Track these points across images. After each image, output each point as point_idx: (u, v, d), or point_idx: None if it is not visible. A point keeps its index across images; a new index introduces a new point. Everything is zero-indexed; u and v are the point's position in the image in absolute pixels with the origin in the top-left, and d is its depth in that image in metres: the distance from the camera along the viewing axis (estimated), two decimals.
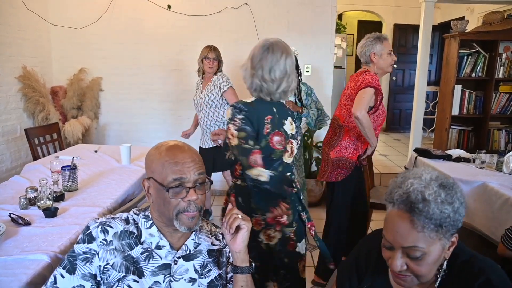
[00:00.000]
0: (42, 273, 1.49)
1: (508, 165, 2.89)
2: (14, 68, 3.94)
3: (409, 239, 1.01)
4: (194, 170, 1.19)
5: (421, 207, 0.99)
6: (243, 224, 1.21)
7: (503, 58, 4.32)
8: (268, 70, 1.80)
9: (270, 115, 1.81)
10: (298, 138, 1.95)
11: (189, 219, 1.18)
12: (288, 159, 1.88)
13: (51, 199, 2.05)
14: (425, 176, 1.04)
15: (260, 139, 1.79)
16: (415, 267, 1.03)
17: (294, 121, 1.93)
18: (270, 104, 1.86)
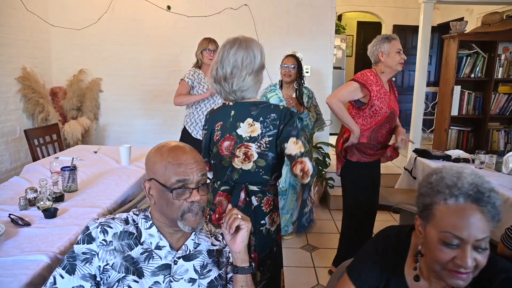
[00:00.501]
0: (41, 273, 1.49)
1: (507, 166, 2.90)
2: (13, 69, 3.94)
3: (482, 230, 0.99)
4: (197, 171, 1.19)
5: (491, 196, 1.00)
6: (243, 224, 1.21)
7: (502, 59, 4.32)
8: (220, 69, 1.75)
9: (221, 121, 1.77)
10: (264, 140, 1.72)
11: (193, 218, 1.19)
12: (243, 165, 1.74)
13: (50, 200, 2.05)
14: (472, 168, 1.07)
15: (212, 146, 1.80)
16: (481, 259, 1.01)
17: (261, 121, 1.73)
18: (231, 107, 1.79)
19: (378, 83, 2.71)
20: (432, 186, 1.05)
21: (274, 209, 1.85)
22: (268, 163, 1.74)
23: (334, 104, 2.66)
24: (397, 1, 7.88)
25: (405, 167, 3.61)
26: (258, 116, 1.74)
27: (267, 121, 1.73)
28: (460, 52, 4.33)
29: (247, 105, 1.78)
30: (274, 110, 1.75)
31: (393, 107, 2.75)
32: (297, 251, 3.39)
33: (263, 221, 1.81)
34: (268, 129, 1.72)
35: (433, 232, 1.04)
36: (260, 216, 1.80)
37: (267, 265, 1.85)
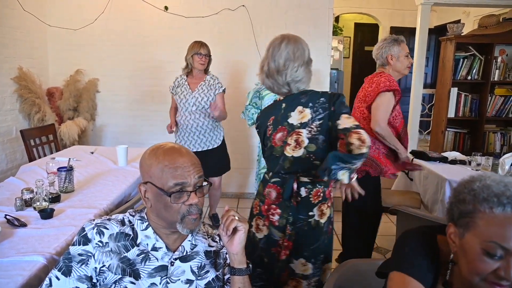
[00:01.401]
0: (38, 274, 1.48)
1: (504, 168, 2.91)
2: (10, 69, 3.93)
3: None
4: (194, 173, 1.18)
5: None
6: (240, 225, 1.20)
7: (498, 61, 4.35)
8: (273, 63, 1.81)
9: (273, 116, 1.84)
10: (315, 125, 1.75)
11: (193, 220, 1.18)
12: (294, 152, 1.77)
13: (47, 200, 2.04)
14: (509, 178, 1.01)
15: (266, 142, 1.87)
16: None
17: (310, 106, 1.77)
18: (281, 102, 1.87)
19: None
20: (476, 193, 1.00)
21: (323, 201, 1.84)
22: (319, 147, 1.76)
23: (384, 131, 2.51)
24: (394, 3, 7.91)
25: None
26: (307, 102, 1.78)
27: (316, 105, 1.77)
28: (457, 54, 4.34)
29: (297, 94, 1.83)
30: (322, 95, 1.79)
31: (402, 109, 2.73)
32: None
33: (311, 213, 1.82)
34: (318, 113, 1.75)
35: (475, 241, 0.99)
36: (308, 207, 1.81)
37: (317, 256, 1.86)
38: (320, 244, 1.85)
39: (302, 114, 1.77)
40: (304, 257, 1.85)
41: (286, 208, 1.81)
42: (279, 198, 1.82)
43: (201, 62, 3.31)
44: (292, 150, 1.77)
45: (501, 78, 4.39)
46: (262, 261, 1.89)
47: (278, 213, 1.82)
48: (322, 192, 1.83)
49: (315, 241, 1.84)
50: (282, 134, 1.80)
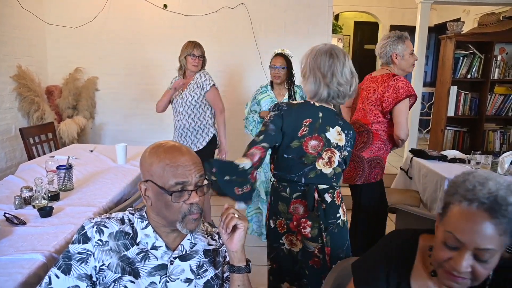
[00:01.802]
0: (37, 272, 1.48)
1: (503, 166, 2.91)
2: (8, 67, 3.92)
3: (487, 241, 0.96)
4: (195, 172, 1.18)
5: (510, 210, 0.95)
6: (240, 223, 1.20)
7: (498, 60, 4.34)
8: (340, 75, 1.80)
9: (310, 119, 1.79)
10: (344, 153, 1.83)
11: (193, 220, 1.18)
12: (323, 168, 1.80)
13: (46, 198, 2.04)
14: (504, 179, 1.00)
15: (292, 140, 1.78)
16: (480, 269, 0.99)
17: (345, 133, 1.84)
18: (318, 108, 1.83)
19: None
20: (455, 186, 1.04)
21: (342, 200, 1.92)
22: (341, 171, 1.87)
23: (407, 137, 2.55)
24: (394, 1, 7.91)
25: (401, 167, 3.61)
26: (344, 128, 1.84)
27: (348, 136, 1.85)
28: (457, 52, 4.34)
29: (333, 112, 1.85)
30: (350, 127, 1.88)
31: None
32: None
33: (338, 214, 1.87)
34: (348, 144, 1.85)
35: (441, 230, 1.05)
36: (335, 210, 1.86)
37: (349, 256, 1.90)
38: (348, 242, 1.94)
39: (340, 136, 1.82)
40: (341, 258, 1.86)
41: (316, 218, 1.83)
42: (306, 211, 1.83)
43: (194, 64, 3.21)
44: (323, 165, 1.80)
45: (501, 76, 4.38)
46: (305, 273, 1.91)
47: (309, 225, 1.84)
48: (340, 192, 1.90)
49: (345, 240, 1.91)
50: (318, 144, 1.78)
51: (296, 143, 1.78)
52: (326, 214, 1.83)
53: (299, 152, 1.78)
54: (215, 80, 3.31)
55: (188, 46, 3.21)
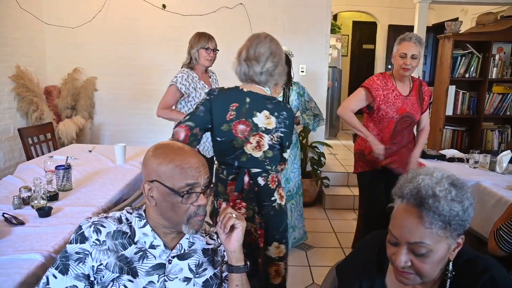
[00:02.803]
0: (36, 272, 1.48)
1: (501, 165, 2.92)
2: (7, 67, 3.92)
3: (416, 234, 1.00)
4: (204, 174, 1.19)
5: (431, 203, 0.98)
6: (238, 223, 1.20)
7: (496, 59, 4.34)
8: (253, 50, 1.86)
9: (237, 103, 1.85)
10: (276, 135, 1.86)
11: (199, 221, 1.19)
12: (253, 152, 1.85)
13: (45, 198, 2.04)
14: (436, 173, 1.03)
15: (222, 123, 1.85)
16: (419, 264, 1.02)
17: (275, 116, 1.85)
18: (245, 93, 1.88)
19: (387, 86, 2.71)
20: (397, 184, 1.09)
21: (279, 185, 1.97)
22: (274, 154, 1.90)
23: (344, 115, 2.74)
24: (393, 1, 7.92)
25: None
26: (273, 111, 1.86)
27: (280, 117, 1.86)
28: (455, 52, 4.34)
29: (261, 97, 1.88)
30: (284, 108, 1.89)
31: (409, 111, 2.71)
32: (292, 250, 3.39)
33: (273, 198, 1.94)
34: (281, 125, 1.86)
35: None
36: (269, 193, 1.93)
37: (288, 238, 2.02)
38: (286, 224, 2.01)
39: (268, 120, 1.85)
40: (276, 240, 1.97)
41: (250, 200, 1.92)
42: (240, 193, 1.91)
43: (208, 58, 2.92)
44: (252, 150, 1.85)
45: (499, 76, 4.39)
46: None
47: (244, 206, 1.92)
48: (276, 177, 1.96)
49: (282, 222, 1.99)
50: (245, 129, 1.84)
51: (226, 127, 1.85)
52: (260, 197, 1.91)
53: (229, 135, 1.85)
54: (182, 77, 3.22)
55: (201, 38, 2.92)
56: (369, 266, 1.20)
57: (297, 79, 4.43)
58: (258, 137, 1.84)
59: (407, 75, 2.69)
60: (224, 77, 3.64)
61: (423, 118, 2.86)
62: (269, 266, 2.00)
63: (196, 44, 2.91)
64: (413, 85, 2.77)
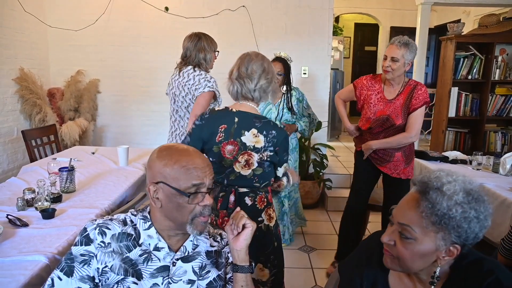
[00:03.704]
0: (40, 274, 1.48)
1: (505, 167, 2.91)
2: (11, 70, 3.94)
3: (407, 217, 1.04)
4: (210, 175, 1.20)
5: (432, 194, 1.01)
6: (249, 223, 1.25)
7: (499, 61, 4.34)
8: (245, 68, 1.88)
9: (225, 124, 1.85)
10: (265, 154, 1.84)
11: (203, 223, 1.19)
12: (242, 170, 1.85)
13: (48, 200, 2.05)
14: (457, 177, 1.04)
15: (212, 145, 1.86)
16: (400, 247, 1.05)
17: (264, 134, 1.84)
18: (234, 114, 1.88)
19: (373, 88, 2.73)
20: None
21: (268, 205, 1.93)
22: (264, 171, 1.88)
23: (335, 100, 3.06)
24: (395, 3, 7.92)
25: None
26: (261, 129, 1.84)
27: (269, 136, 1.84)
28: (457, 53, 4.34)
29: (250, 116, 1.87)
30: (274, 127, 1.87)
31: (389, 114, 2.67)
32: (294, 252, 3.39)
33: (260, 218, 1.90)
34: (270, 144, 1.84)
35: None
36: (256, 214, 1.88)
37: (271, 260, 1.93)
38: (273, 248, 1.93)
39: (257, 139, 1.84)
40: (261, 261, 1.92)
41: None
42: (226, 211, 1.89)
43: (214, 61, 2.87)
44: (241, 168, 1.85)
45: (501, 77, 4.38)
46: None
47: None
48: (265, 197, 1.92)
49: (268, 245, 1.93)
50: (233, 149, 1.84)
51: (216, 148, 1.86)
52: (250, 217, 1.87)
53: (219, 156, 1.86)
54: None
55: (212, 40, 2.83)
56: (371, 264, 1.21)
57: (299, 81, 4.44)
58: (247, 155, 1.84)
59: (389, 78, 2.64)
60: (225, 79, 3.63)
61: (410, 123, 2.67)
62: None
63: (211, 47, 2.82)
64: (404, 89, 2.68)
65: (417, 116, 2.67)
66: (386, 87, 2.72)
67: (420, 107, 2.65)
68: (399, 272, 1.16)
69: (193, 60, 2.78)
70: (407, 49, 2.55)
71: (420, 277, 1.11)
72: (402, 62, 2.56)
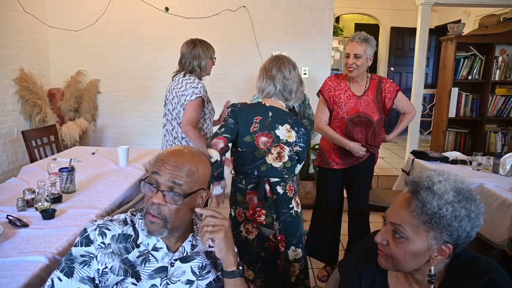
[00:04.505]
0: (40, 274, 1.49)
1: (505, 167, 2.91)
2: (11, 70, 3.94)
3: (399, 216, 1.06)
4: (170, 174, 1.15)
5: (422, 193, 1.02)
6: (214, 236, 1.15)
7: (499, 61, 4.34)
8: (288, 71, 2.03)
9: (260, 116, 1.99)
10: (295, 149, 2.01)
11: (149, 222, 1.15)
12: (274, 162, 1.99)
13: (48, 200, 2.05)
14: (448, 176, 1.05)
15: (245, 135, 2.00)
16: (393, 247, 1.06)
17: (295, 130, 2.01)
18: (268, 108, 2.02)
19: (340, 87, 2.73)
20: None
21: (296, 193, 2.11)
22: (292, 165, 2.05)
23: (320, 130, 2.81)
24: (395, 3, 7.91)
25: (403, 169, 3.62)
26: (293, 126, 2.02)
27: (299, 133, 2.02)
28: (458, 54, 4.34)
29: (283, 112, 2.04)
30: (302, 125, 2.06)
31: (362, 111, 2.67)
32: None
33: (291, 205, 2.07)
34: (299, 140, 2.01)
35: None
36: (287, 201, 2.06)
37: (303, 242, 2.16)
38: (301, 230, 2.16)
39: (289, 133, 2.00)
40: (294, 244, 2.10)
41: (269, 208, 2.03)
42: (260, 201, 2.03)
43: (211, 68, 2.85)
44: (272, 160, 1.99)
45: (502, 78, 4.38)
46: (260, 255, 2.13)
47: (263, 214, 2.05)
48: (293, 186, 2.09)
49: (298, 228, 2.12)
50: (267, 140, 1.98)
51: (249, 138, 1.99)
52: (278, 204, 2.04)
53: (251, 146, 1.99)
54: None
55: (208, 47, 2.81)
56: (370, 263, 1.21)
57: None
58: (279, 148, 1.98)
59: (354, 76, 2.65)
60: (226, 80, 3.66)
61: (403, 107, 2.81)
62: (289, 268, 2.13)
63: (207, 53, 2.79)
64: (371, 84, 2.71)
65: (401, 100, 2.79)
66: (352, 84, 2.73)
67: (395, 97, 2.73)
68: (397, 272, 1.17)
69: (187, 66, 2.76)
70: (367, 44, 2.59)
71: (415, 277, 1.12)
72: (364, 58, 2.60)
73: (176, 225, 1.18)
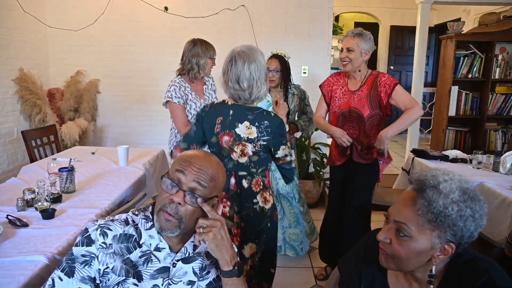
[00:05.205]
0: (40, 274, 1.49)
1: (505, 166, 2.91)
2: (10, 70, 3.94)
3: (403, 214, 1.05)
4: (195, 175, 1.16)
5: (428, 192, 1.01)
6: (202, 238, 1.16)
7: (499, 59, 4.34)
8: (236, 81, 1.96)
9: (221, 117, 2.01)
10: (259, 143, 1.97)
11: (164, 219, 1.15)
12: (239, 158, 2.00)
13: (48, 200, 2.05)
14: (456, 177, 1.05)
15: (211, 136, 2.03)
16: (396, 245, 1.06)
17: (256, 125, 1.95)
18: (229, 107, 2.02)
19: (338, 83, 2.75)
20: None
21: (264, 189, 2.06)
22: (260, 158, 2.02)
23: (315, 123, 2.91)
24: (394, 2, 7.91)
25: (403, 168, 3.62)
26: (254, 121, 1.97)
27: (261, 127, 1.97)
28: (458, 52, 4.34)
29: (244, 109, 2.01)
30: (266, 117, 1.98)
31: (353, 105, 2.65)
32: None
33: (255, 200, 2.04)
34: (262, 134, 1.96)
35: None
36: (251, 195, 2.03)
37: (262, 238, 2.07)
38: (264, 226, 2.07)
39: (249, 130, 1.97)
40: (251, 240, 2.07)
41: (233, 200, 2.04)
42: (226, 192, 2.04)
43: (211, 68, 2.84)
44: (238, 157, 2.00)
45: (502, 76, 4.38)
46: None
47: (228, 205, 2.05)
48: (261, 181, 2.05)
49: (259, 224, 2.07)
50: (229, 139, 1.99)
51: (215, 139, 2.02)
52: (242, 198, 2.03)
53: (218, 146, 2.02)
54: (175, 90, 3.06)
55: (208, 47, 2.82)
56: (369, 261, 1.21)
57: (299, 80, 4.44)
58: (242, 146, 1.98)
59: (348, 70, 2.65)
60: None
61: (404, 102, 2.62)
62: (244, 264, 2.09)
63: (205, 53, 2.79)
64: (367, 80, 2.67)
65: (401, 94, 2.62)
66: (349, 80, 2.73)
67: (393, 91, 2.60)
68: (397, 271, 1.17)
69: (187, 64, 2.81)
70: (361, 38, 2.58)
71: (415, 275, 1.11)
72: (358, 51, 2.58)
73: (188, 226, 1.18)
